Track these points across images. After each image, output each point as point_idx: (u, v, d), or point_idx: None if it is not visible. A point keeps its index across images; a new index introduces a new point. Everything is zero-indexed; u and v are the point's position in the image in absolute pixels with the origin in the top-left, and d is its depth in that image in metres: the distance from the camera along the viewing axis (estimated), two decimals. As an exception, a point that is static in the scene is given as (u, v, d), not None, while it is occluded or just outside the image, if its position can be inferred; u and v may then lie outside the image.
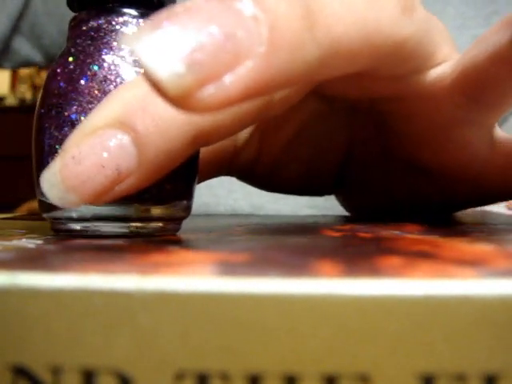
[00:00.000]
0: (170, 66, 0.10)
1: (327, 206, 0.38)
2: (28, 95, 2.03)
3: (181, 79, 0.10)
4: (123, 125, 0.11)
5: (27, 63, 0.49)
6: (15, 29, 0.45)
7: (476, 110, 0.18)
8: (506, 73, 0.16)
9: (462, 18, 0.45)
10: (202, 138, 0.13)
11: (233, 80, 0.10)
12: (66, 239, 0.14)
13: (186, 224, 0.17)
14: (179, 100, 0.10)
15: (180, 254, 0.11)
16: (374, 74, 0.16)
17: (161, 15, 0.10)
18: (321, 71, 0.13)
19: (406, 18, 0.15)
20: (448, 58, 0.18)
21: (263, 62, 0.10)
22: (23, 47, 0.46)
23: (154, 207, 0.14)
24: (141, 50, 0.10)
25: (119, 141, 0.11)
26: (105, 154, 0.11)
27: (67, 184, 0.11)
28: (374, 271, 0.09)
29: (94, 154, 0.11)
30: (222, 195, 0.44)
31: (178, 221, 0.16)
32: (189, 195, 0.15)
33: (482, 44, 0.16)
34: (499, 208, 0.27)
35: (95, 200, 0.11)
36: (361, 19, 0.13)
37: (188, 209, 0.16)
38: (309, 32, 0.12)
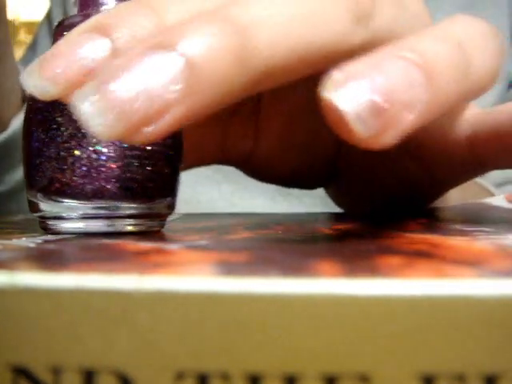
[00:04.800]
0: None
1: None
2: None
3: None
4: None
5: None
6: None
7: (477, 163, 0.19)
8: None
9: None
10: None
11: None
12: (65, 239, 0.14)
13: (186, 224, 0.17)
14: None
15: (180, 254, 0.11)
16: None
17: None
18: (265, 83, 0.13)
19: (359, 27, 0.15)
20: None
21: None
22: None
23: (138, 205, 0.15)
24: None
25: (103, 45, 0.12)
26: (82, 50, 0.12)
27: (44, 73, 0.11)
28: (374, 271, 0.09)
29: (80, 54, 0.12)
30: (222, 207, 0.44)
31: (162, 218, 0.16)
32: (172, 192, 0.16)
33: (505, 114, 0.16)
34: (498, 201, 0.27)
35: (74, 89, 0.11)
36: (297, 39, 0.13)
37: (172, 206, 0.16)
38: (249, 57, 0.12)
